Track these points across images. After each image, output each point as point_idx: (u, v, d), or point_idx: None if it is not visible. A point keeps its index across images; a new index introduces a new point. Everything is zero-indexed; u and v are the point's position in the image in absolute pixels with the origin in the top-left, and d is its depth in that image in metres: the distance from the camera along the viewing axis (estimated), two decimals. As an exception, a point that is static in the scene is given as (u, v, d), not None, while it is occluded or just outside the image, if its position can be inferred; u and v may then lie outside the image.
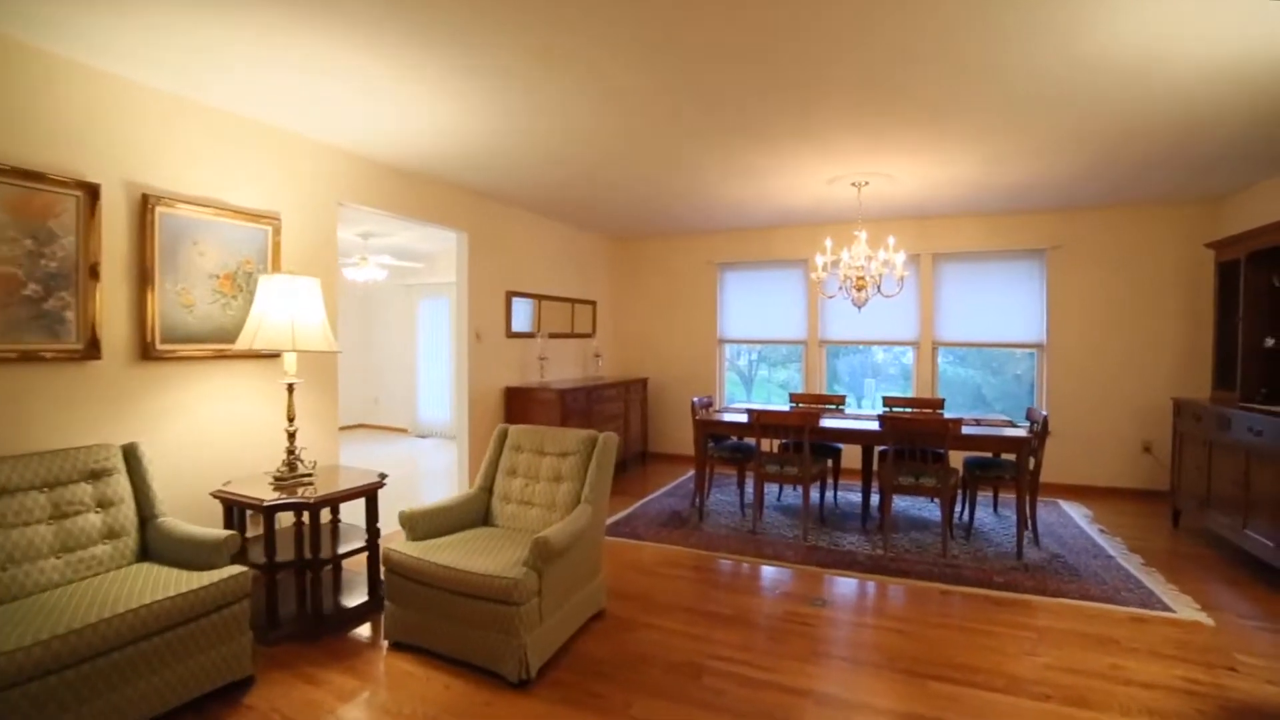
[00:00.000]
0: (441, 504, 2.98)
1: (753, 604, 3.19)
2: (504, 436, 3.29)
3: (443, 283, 8.29)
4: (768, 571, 3.63)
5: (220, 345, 3.20)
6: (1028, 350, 5.77)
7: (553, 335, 6.05)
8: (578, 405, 5.41)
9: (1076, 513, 4.78)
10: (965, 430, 3.84)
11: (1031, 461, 3.87)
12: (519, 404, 5.36)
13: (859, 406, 6.61)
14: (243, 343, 2.94)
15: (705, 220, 6.10)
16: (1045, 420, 3.88)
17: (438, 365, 8.74)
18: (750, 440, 4.64)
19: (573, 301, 6.45)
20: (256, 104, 3.15)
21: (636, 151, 3.92)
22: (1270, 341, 3.96)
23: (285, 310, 2.98)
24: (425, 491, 5.63)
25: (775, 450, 4.27)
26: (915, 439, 3.81)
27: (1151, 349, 5.29)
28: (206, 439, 3.17)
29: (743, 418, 4.52)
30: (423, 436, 8.76)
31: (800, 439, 4.06)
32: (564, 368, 6.29)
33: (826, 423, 4.26)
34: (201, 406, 3.16)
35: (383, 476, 3.19)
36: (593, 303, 6.80)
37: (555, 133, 3.59)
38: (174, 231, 3.00)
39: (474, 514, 3.12)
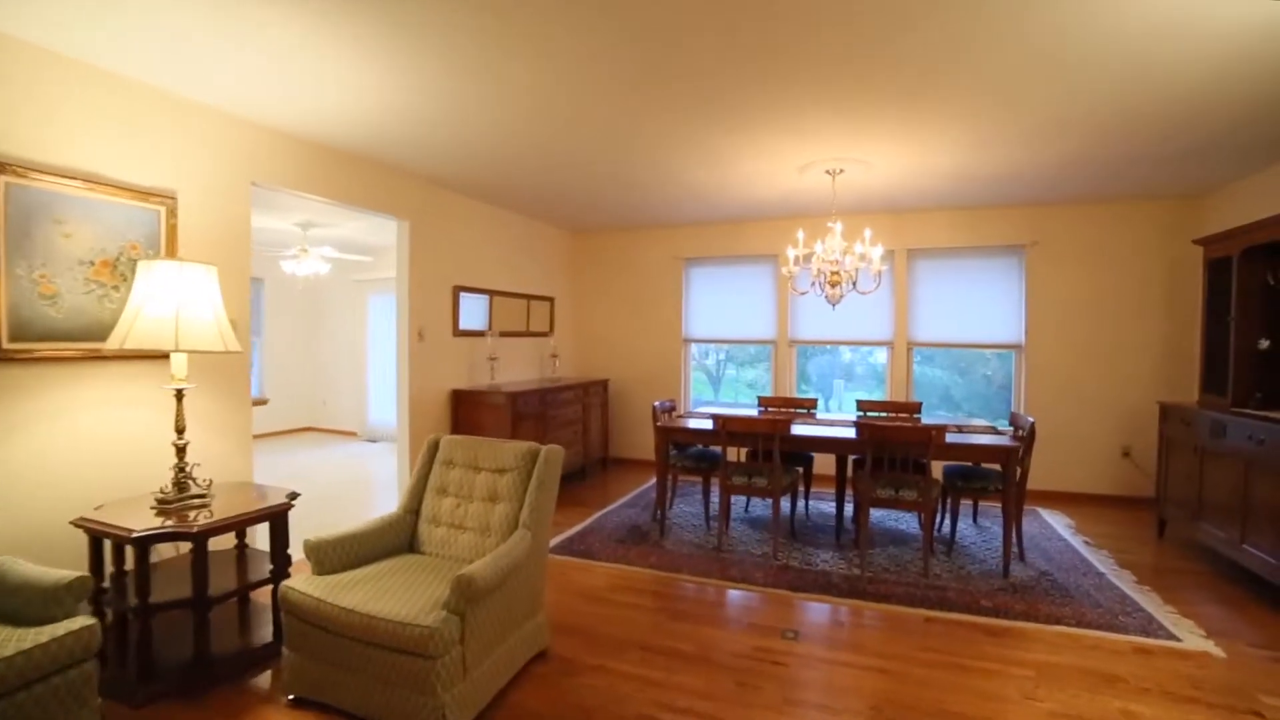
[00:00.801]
0: (357, 530, 2.54)
1: (717, 638, 2.82)
2: (434, 450, 2.86)
3: (393, 278, 7.76)
4: (734, 597, 3.27)
5: (94, 344, 2.71)
6: (1004, 351, 5.53)
7: (505, 334, 5.61)
8: (531, 409, 4.99)
9: (1058, 522, 4.54)
10: (950, 438, 3.54)
11: (1018, 471, 3.58)
12: (467, 408, 4.91)
13: (829, 409, 6.32)
14: (113, 342, 2.46)
15: (669, 212, 5.73)
16: (1032, 427, 3.60)
17: (389, 365, 8.18)
18: (716, 447, 4.28)
19: (528, 298, 6.02)
20: (147, 65, 2.67)
21: (592, 130, 3.53)
22: (1265, 343, 3.74)
23: (168, 303, 2.50)
24: (372, 502, 5.14)
25: (743, 459, 3.92)
26: (895, 448, 3.49)
27: (1131, 350, 5.09)
28: (77, 457, 2.67)
29: (707, 424, 4.16)
30: (373, 440, 8.22)
31: (770, 447, 3.71)
32: (518, 369, 5.86)
33: (798, 430, 3.92)
34: (68, 417, 2.65)
35: (293, 496, 2.73)
36: (550, 299, 6.38)
37: (502, 108, 3.18)
38: (27, 206, 2.49)
39: (398, 540, 2.69)
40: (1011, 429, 4.02)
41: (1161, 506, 4.26)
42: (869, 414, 4.77)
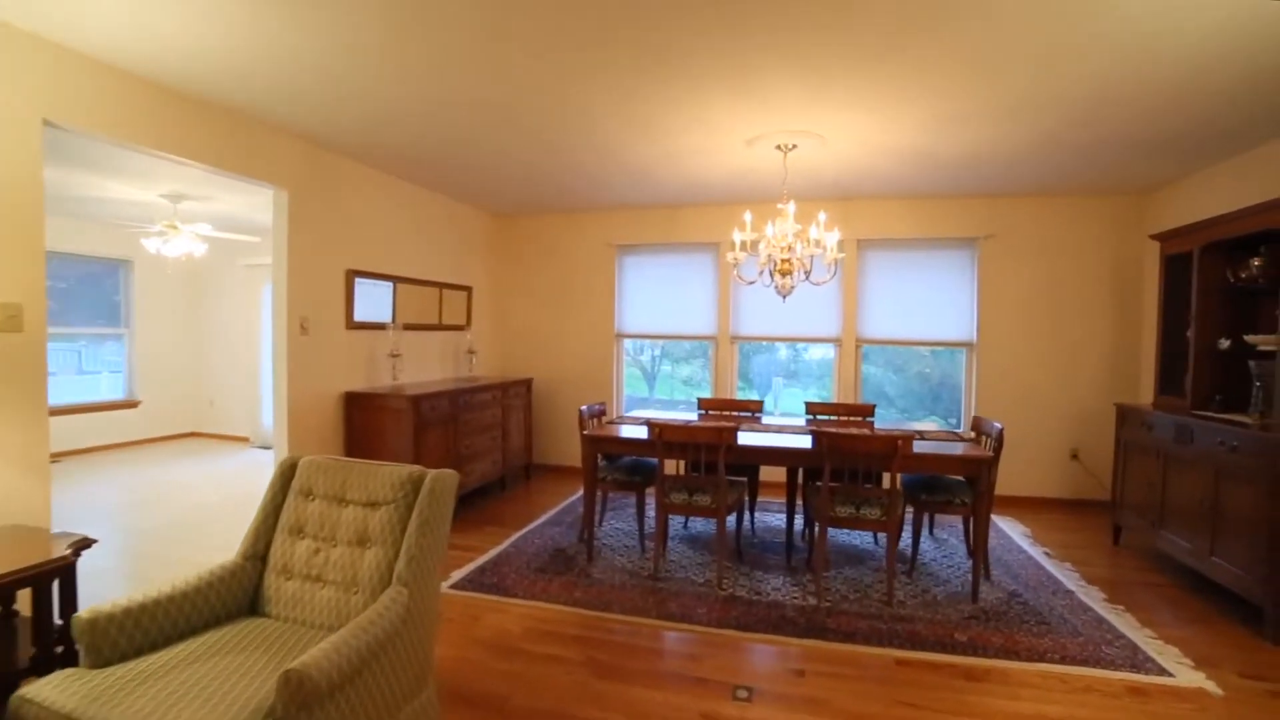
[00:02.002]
0: (165, 593, 1.84)
1: (655, 703, 2.29)
2: (288, 476, 2.18)
3: (288, 262, 6.83)
4: (674, 641, 2.75)
5: None
6: (956, 349, 5.29)
7: (412, 327, 4.89)
8: (440, 413, 4.31)
9: (1014, 530, 4.28)
10: (917, 447, 3.14)
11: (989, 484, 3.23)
12: (362, 413, 4.18)
13: (770, 411, 5.93)
14: None
15: (602, 194, 5.16)
16: (1001, 434, 3.27)
17: (284, 362, 7.24)
18: (652, 458, 3.75)
19: (441, 286, 5.31)
20: None
21: (514, 91, 2.93)
22: (1225, 343, 3.56)
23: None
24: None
25: (682, 469, 3.41)
26: (857, 459, 3.06)
27: (1078, 349, 4.93)
28: None
29: (641, 432, 3.62)
30: (267, 447, 7.23)
31: (714, 459, 3.22)
32: (428, 367, 5.14)
33: (746, 439, 3.44)
34: None
35: (82, 546, 2.00)
36: (467, 289, 5.68)
37: (405, 59, 2.55)
38: None
39: (232, 600, 2.00)
40: (973, 434, 3.70)
41: (1118, 513, 4.06)
42: (818, 417, 4.38)
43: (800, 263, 3.68)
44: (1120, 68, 2.65)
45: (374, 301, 4.57)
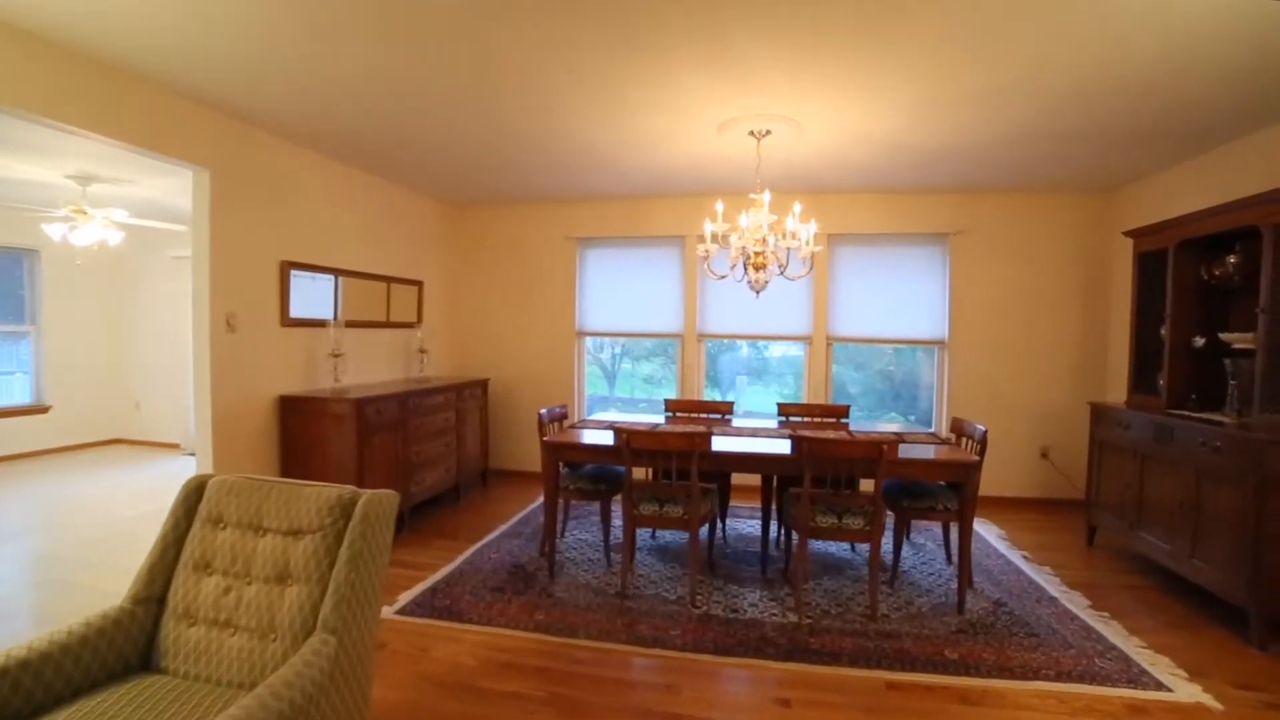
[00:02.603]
0: (18, 657, 1.49)
1: (630, 745, 2.04)
2: (194, 500, 1.84)
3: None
4: (647, 670, 2.49)
5: None
6: (925, 347, 5.19)
7: (357, 324, 4.50)
8: (387, 418, 3.95)
9: (989, 533, 4.19)
10: (902, 452, 2.97)
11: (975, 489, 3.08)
12: (300, 419, 3.80)
13: (736, 411, 5.74)
14: None
15: (564, 183, 4.86)
16: (985, 436, 3.13)
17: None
18: (619, 465, 3.49)
19: (389, 280, 4.92)
20: None
21: (471, 66, 2.61)
22: (1200, 341, 3.52)
23: None
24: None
25: (650, 477, 3.16)
26: (840, 465, 2.87)
27: (1048, 347, 4.89)
28: None
29: (606, 437, 3.36)
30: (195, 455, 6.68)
31: (687, 467, 2.98)
32: (374, 367, 4.76)
33: (720, 444, 3.21)
34: None
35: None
36: (418, 283, 5.30)
37: (344, 27, 2.21)
38: None
39: (119, 653, 1.65)
40: (952, 436, 3.56)
41: (1092, 513, 4.00)
42: (791, 419, 4.20)
43: (775, 256, 3.48)
44: (1108, 53, 2.55)
45: (313, 296, 4.18)
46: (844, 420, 4.08)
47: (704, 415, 4.30)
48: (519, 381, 5.74)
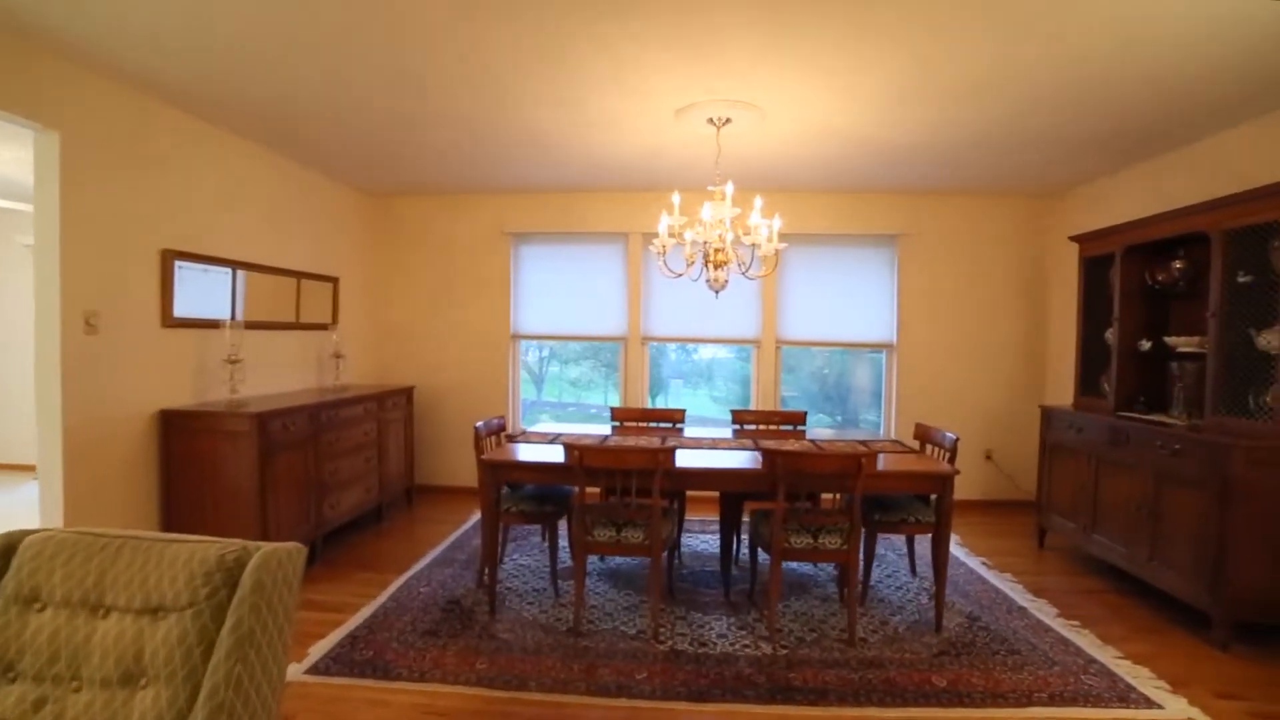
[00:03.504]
0: None
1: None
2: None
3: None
4: (613, 723, 2.16)
5: None
6: (874, 350, 5.11)
7: (257, 325, 3.90)
8: (295, 434, 3.42)
9: (943, 540, 4.11)
10: (881, 465, 2.77)
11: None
12: (186, 439, 3.21)
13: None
14: None
15: (499, 171, 4.44)
16: (955, 445, 2.99)
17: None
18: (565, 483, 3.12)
19: (300, 276, 4.34)
20: None
21: (391, 27, 2.19)
22: (1146, 344, 3.55)
23: None
24: None
25: (601, 496, 2.81)
26: (815, 481, 2.63)
27: (991, 350, 4.92)
28: None
29: (552, 453, 2.99)
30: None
31: (648, 486, 2.66)
32: (281, 375, 4.15)
33: (685, 460, 2.91)
34: None
35: None
36: (333, 279, 4.72)
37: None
38: None
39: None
40: (916, 444, 3.42)
41: (1043, 516, 3.99)
42: (745, 426, 3.97)
43: (735, 254, 3.23)
44: (1078, 52, 2.49)
45: (205, 292, 3.57)
46: (800, 428, 3.90)
47: (654, 425, 4.00)
48: (448, 389, 5.25)
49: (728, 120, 3.24)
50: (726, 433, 3.76)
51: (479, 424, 3.23)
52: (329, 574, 3.41)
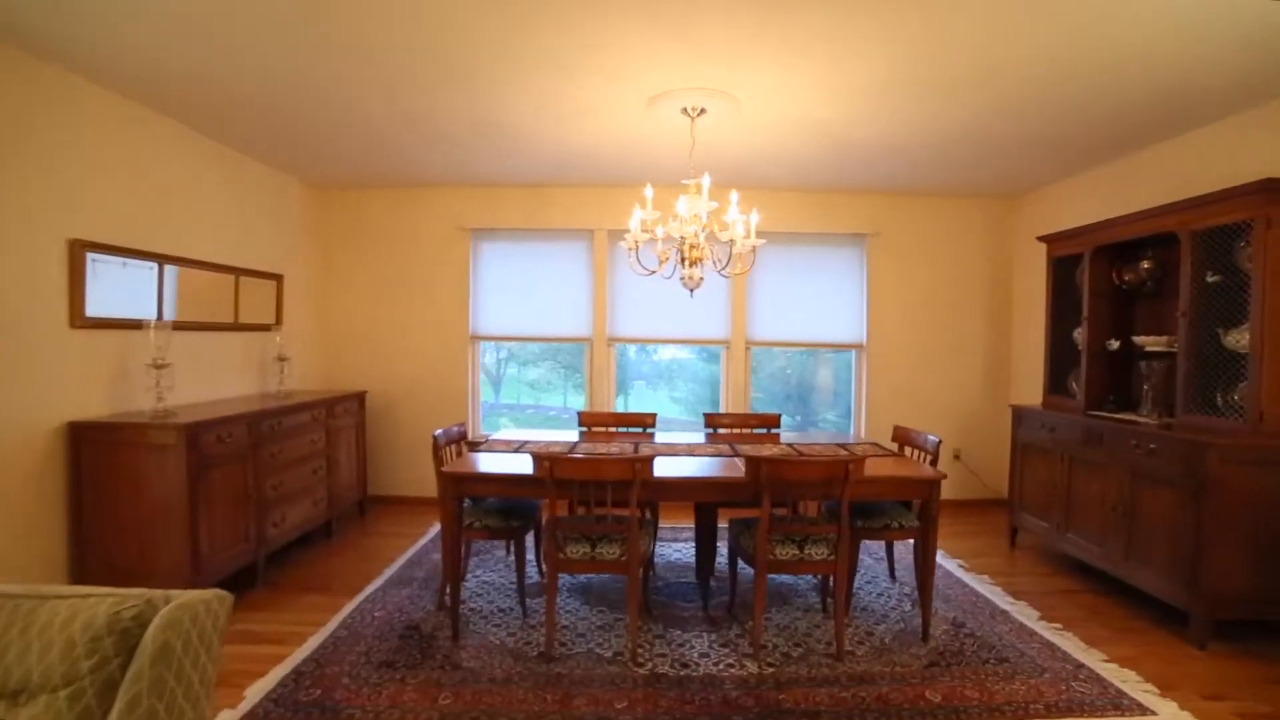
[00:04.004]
0: None
1: None
2: None
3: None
4: (593, 761, 1.97)
5: None
6: (840, 350, 5.06)
7: (188, 326, 3.56)
8: (232, 446, 3.11)
9: (917, 542, 4.06)
10: (869, 470, 2.65)
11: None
12: (101, 454, 2.86)
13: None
14: None
15: (458, 163, 4.18)
16: (938, 448, 2.91)
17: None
18: (533, 495, 2.91)
19: (238, 272, 3.98)
20: None
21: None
22: (1114, 344, 3.56)
23: None
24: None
25: (570, 507, 2.62)
26: (800, 489, 2.50)
27: (958, 350, 4.92)
28: None
29: (518, 463, 2.79)
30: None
31: (624, 498, 2.48)
32: (217, 380, 3.80)
33: (664, 468, 2.74)
34: None
35: None
36: (277, 277, 4.37)
37: None
38: None
39: None
40: (894, 446, 3.34)
41: (1015, 515, 3.98)
42: (719, 430, 3.83)
43: (710, 251, 3.08)
44: (1064, 53, 2.45)
45: (125, 289, 3.21)
46: (775, 431, 3.78)
47: (624, 430, 3.82)
48: (403, 393, 4.95)
49: (702, 111, 3.09)
50: (699, 437, 3.61)
51: (438, 432, 3.00)
52: (272, 599, 3.12)
